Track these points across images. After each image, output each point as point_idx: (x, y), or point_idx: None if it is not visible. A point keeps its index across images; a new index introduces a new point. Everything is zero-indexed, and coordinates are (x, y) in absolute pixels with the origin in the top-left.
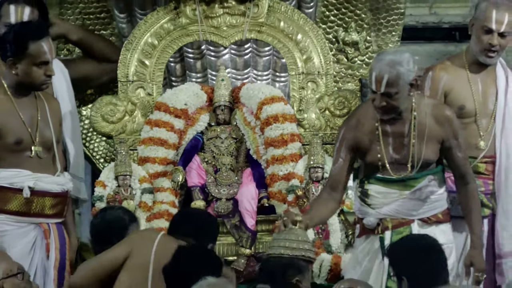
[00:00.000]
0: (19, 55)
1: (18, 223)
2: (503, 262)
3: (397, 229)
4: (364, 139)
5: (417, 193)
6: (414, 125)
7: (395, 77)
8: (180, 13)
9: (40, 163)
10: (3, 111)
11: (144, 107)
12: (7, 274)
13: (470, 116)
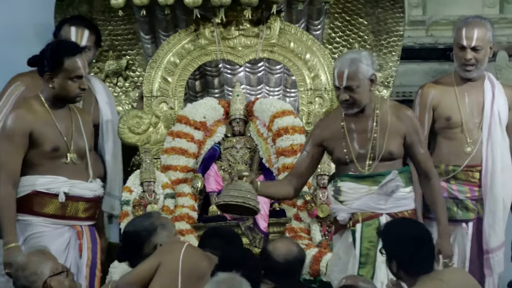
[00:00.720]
0: (55, 69)
1: (54, 225)
2: (491, 256)
3: (366, 222)
4: (331, 137)
5: (384, 188)
6: (376, 121)
7: (355, 72)
8: (199, 34)
9: (75, 169)
10: (41, 122)
11: (166, 120)
12: (53, 272)
13: (457, 126)
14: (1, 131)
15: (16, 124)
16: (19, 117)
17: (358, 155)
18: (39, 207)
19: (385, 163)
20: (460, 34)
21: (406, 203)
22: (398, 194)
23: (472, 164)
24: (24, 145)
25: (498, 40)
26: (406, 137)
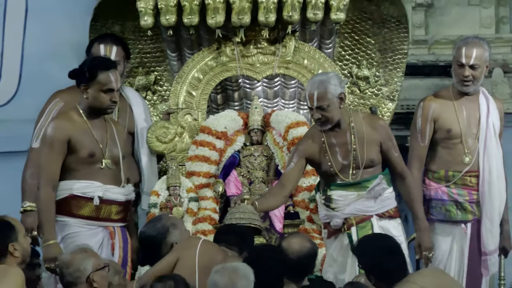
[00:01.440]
0: (90, 82)
1: (89, 226)
2: (488, 258)
3: (360, 224)
4: (315, 152)
5: (371, 192)
6: (353, 134)
7: (323, 93)
8: (221, 52)
9: (109, 174)
10: (79, 130)
11: (191, 130)
12: (95, 268)
13: (457, 137)
14: (42, 139)
15: (55, 133)
16: (58, 126)
17: (342, 166)
18: (76, 209)
19: (368, 170)
20: (460, 53)
21: (390, 202)
22: (383, 196)
23: (470, 170)
24: (63, 151)
25: (494, 58)
26: (382, 145)
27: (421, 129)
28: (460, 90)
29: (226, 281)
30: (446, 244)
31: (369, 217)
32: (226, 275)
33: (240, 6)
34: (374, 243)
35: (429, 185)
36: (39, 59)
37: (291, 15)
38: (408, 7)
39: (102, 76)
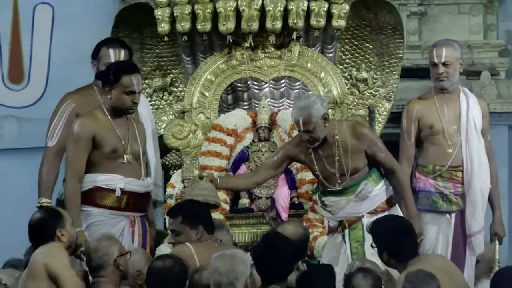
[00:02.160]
0: (114, 84)
1: (111, 215)
2: (473, 239)
3: (352, 226)
4: (300, 156)
5: (359, 196)
6: (338, 146)
7: (307, 118)
8: (231, 56)
9: (130, 168)
10: (103, 128)
11: (204, 128)
12: (120, 253)
13: (439, 132)
14: (69, 136)
15: (81, 130)
16: (84, 123)
17: (329, 174)
18: (99, 200)
19: (354, 176)
20: (432, 54)
21: (380, 198)
22: (373, 195)
23: (455, 165)
24: (88, 147)
25: (482, 62)
26: (367, 151)
27: (407, 129)
28: (438, 86)
29: (226, 266)
30: (432, 232)
31: (361, 218)
32: (226, 260)
33: (249, 14)
34: (390, 223)
35: (419, 178)
36: (64, 64)
37: (296, 23)
38: (403, 15)
39: (125, 79)
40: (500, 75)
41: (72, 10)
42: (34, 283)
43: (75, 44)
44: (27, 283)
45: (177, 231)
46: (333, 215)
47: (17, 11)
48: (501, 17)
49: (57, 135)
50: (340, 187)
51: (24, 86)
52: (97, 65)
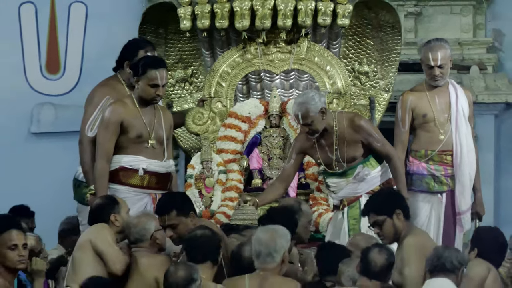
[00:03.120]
0: (140, 76)
1: (135, 192)
2: (462, 217)
3: (351, 205)
4: (308, 147)
5: (357, 178)
6: (336, 136)
7: (305, 113)
8: (246, 51)
9: (153, 152)
10: (131, 115)
11: (221, 115)
12: (157, 228)
13: (431, 121)
14: (100, 121)
15: (111, 115)
16: (114, 110)
17: (329, 161)
18: (125, 179)
19: (352, 163)
20: (427, 57)
21: (377, 180)
22: (370, 177)
23: (445, 149)
24: (116, 132)
25: (472, 57)
26: (363, 141)
27: (402, 118)
28: (433, 85)
29: (268, 237)
30: (426, 210)
31: (359, 197)
32: (269, 232)
33: (262, 13)
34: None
35: (412, 162)
36: (96, 56)
37: (305, 21)
38: (401, 15)
39: (150, 73)
40: (487, 70)
41: (104, 8)
42: (81, 254)
43: (105, 38)
44: (75, 254)
45: (175, 224)
46: (335, 194)
47: (54, 9)
48: (489, 17)
49: (97, 127)
50: (340, 170)
51: (60, 76)
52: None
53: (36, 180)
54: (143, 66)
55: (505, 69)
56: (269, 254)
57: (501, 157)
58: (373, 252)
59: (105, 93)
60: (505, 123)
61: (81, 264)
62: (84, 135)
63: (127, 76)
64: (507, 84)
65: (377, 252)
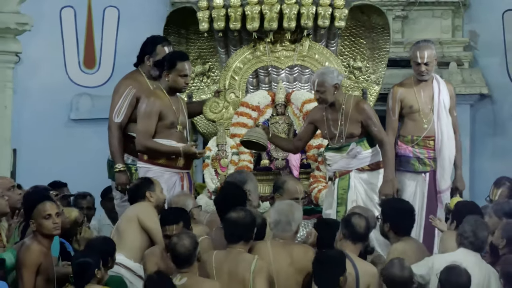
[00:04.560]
0: (170, 69)
1: (166, 172)
2: (442, 195)
3: (341, 176)
4: (318, 120)
5: (350, 154)
6: (342, 113)
7: (321, 81)
8: (256, 49)
9: (180, 135)
10: (166, 105)
11: (234, 104)
12: (194, 206)
13: (417, 111)
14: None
15: (151, 107)
16: (153, 103)
17: (333, 135)
18: (157, 160)
19: (350, 139)
20: (416, 55)
21: (367, 160)
22: (361, 156)
23: (429, 135)
24: (156, 120)
25: (450, 55)
26: (363, 122)
27: (392, 107)
28: (419, 79)
29: (286, 209)
30: (412, 187)
31: (349, 171)
32: (287, 205)
33: (270, 16)
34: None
35: (400, 146)
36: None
37: (307, 23)
38: (390, 18)
39: (179, 65)
40: (464, 65)
41: (133, 12)
42: (127, 225)
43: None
44: (122, 224)
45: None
46: (330, 167)
47: (91, 12)
48: (465, 20)
49: (123, 113)
50: (338, 146)
51: (95, 70)
52: (150, 59)
53: (74, 160)
54: (172, 60)
55: (480, 65)
56: (288, 222)
57: (476, 141)
58: (355, 218)
59: (128, 84)
60: (479, 112)
61: (126, 234)
62: (111, 121)
63: (147, 69)
64: (481, 78)
65: (358, 218)
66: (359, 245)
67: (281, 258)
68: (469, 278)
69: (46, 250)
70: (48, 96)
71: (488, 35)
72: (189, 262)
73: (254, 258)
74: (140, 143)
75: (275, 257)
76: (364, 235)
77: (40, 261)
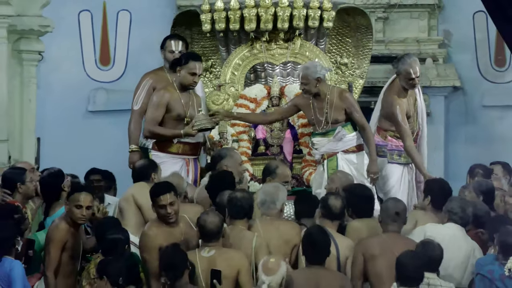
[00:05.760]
0: (183, 66)
1: (173, 158)
2: (421, 185)
3: (329, 158)
4: (303, 105)
5: (336, 137)
6: (327, 102)
7: (304, 75)
8: (253, 47)
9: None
10: (174, 98)
11: (234, 97)
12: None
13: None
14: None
15: (160, 99)
16: (162, 95)
17: (318, 121)
18: (165, 148)
19: (335, 124)
20: (409, 71)
21: (351, 143)
22: (346, 139)
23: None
24: (163, 111)
25: (427, 52)
26: (346, 110)
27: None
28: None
29: (272, 190)
30: (399, 174)
31: (336, 153)
32: (273, 187)
33: (266, 17)
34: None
35: (391, 141)
36: (138, 52)
37: (298, 24)
38: (372, 19)
39: (191, 64)
40: (439, 61)
41: (144, 15)
42: (126, 204)
43: (145, 38)
44: (122, 204)
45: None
46: (317, 150)
47: (106, 15)
48: (440, 21)
49: (140, 101)
50: (323, 131)
51: (110, 67)
52: (164, 52)
53: (91, 147)
54: (186, 58)
55: (453, 60)
56: (273, 202)
57: (450, 128)
58: (331, 199)
59: (146, 77)
60: (452, 102)
61: (127, 213)
62: (132, 108)
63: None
64: (454, 72)
65: (334, 199)
66: (336, 222)
67: (270, 233)
68: (441, 252)
69: (74, 230)
70: (68, 90)
71: (460, 34)
72: (217, 237)
73: (254, 236)
74: (147, 128)
75: (265, 232)
76: (340, 214)
77: (67, 238)
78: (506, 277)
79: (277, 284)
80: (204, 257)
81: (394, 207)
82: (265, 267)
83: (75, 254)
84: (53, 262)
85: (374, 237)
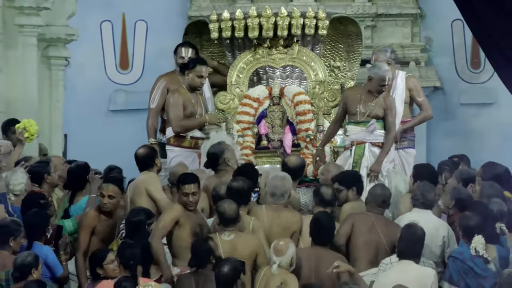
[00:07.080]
0: (191, 69)
1: (185, 152)
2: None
3: (358, 145)
4: (352, 100)
5: (368, 128)
6: (373, 99)
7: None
8: (256, 52)
9: None
10: (186, 98)
11: (239, 97)
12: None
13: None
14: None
15: (177, 99)
16: (177, 96)
17: (360, 112)
18: (178, 143)
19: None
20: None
21: (380, 138)
22: (376, 133)
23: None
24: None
25: (410, 56)
26: (385, 111)
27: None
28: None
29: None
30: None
31: (365, 142)
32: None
33: (267, 26)
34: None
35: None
36: (153, 58)
37: (296, 32)
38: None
39: (198, 68)
40: (421, 64)
41: (159, 24)
42: (139, 198)
43: (160, 45)
44: (134, 198)
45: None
46: (348, 136)
47: (125, 25)
48: (422, 28)
49: (156, 100)
50: (360, 120)
51: (129, 71)
52: (175, 57)
53: (112, 143)
54: (194, 63)
55: (433, 64)
56: (282, 195)
57: (431, 124)
58: (323, 188)
59: (160, 78)
60: (433, 101)
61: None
62: (149, 107)
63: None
64: (434, 74)
65: (325, 188)
66: (328, 209)
67: (273, 219)
68: (423, 232)
69: (104, 216)
70: (91, 92)
71: (440, 39)
72: (235, 222)
73: (251, 219)
74: (176, 125)
75: (268, 218)
76: (331, 201)
77: (95, 224)
78: (475, 257)
79: (287, 263)
80: (225, 240)
81: (382, 195)
82: (276, 249)
83: (106, 238)
84: (82, 245)
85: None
